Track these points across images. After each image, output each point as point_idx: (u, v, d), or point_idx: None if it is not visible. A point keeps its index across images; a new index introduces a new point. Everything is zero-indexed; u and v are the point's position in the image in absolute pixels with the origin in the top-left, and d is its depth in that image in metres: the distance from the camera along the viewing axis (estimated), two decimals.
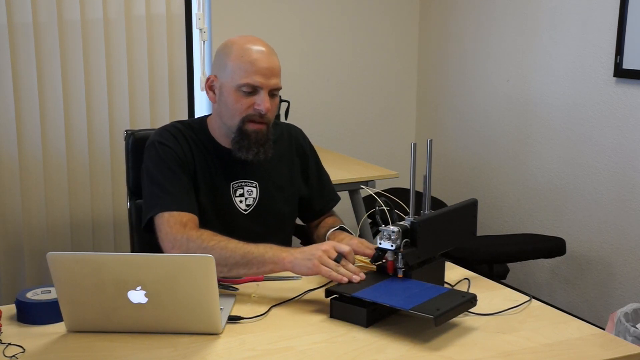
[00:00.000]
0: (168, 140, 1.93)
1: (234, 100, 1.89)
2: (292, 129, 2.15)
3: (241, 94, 1.88)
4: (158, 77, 3.32)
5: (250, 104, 1.88)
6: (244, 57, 1.87)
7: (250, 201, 1.98)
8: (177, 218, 1.81)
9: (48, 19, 3.07)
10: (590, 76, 3.32)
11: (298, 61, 4.04)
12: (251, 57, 1.87)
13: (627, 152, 3.18)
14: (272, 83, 1.88)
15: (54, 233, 3.21)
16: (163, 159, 1.90)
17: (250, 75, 1.86)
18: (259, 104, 1.88)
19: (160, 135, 1.95)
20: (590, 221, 3.38)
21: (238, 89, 1.87)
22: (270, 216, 2.01)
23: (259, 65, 1.86)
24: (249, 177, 1.98)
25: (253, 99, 1.88)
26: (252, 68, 1.86)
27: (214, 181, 1.96)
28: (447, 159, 4.23)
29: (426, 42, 4.33)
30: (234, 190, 1.97)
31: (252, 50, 1.88)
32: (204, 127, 2.00)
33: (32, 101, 3.09)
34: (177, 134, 1.96)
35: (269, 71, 1.88)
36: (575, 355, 1.45)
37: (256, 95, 1.88)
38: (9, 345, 1.43)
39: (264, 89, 1.87)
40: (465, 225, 1.84)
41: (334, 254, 1.68)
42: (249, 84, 1.86)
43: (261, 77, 1.86)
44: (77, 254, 1.50)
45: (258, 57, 1.87)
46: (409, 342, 1.48)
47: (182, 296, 1.46)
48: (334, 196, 2.17)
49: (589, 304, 3.44)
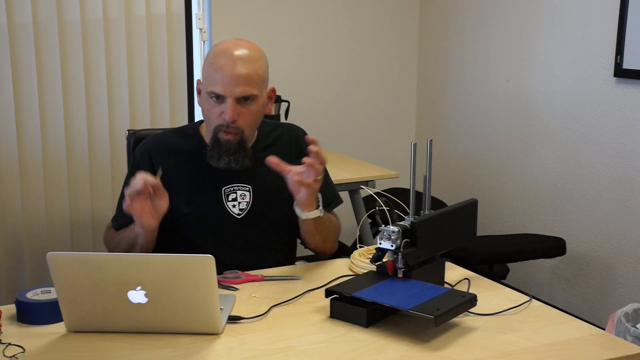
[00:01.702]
0: (139, 155, 2.02)
1: (207, 107, 1.90)
2: (294, 129, 2.12)
3: (211, 101, 1.88)
4: (158, 77, 3.32)
5: (219, 112, 1.87)
6: (213, 63, 1.86)
7: (243, 205, 1.97)
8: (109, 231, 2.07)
9: (48, 19, 3.06)
10: (590, 76, 3.32)
11: (298, 61, 4.04)
12: (218, 64, 1.85)
13: (627, 152, 3.18)
14: (237, 91, 1.84)
15: (54, 233, 3.21)
16: (128, 173, 2.02)
17: (214, 84, 1.85)
18: (224, 112, 1.86)
19: (139, 148, 2.05)
20: (590, 221, 3.38)
21: (208, 95, 1.88)
22: (266, 220, 1.99)
23: (222, 73, 1.84)
24: (242, 181, 1.97)
25: (221, 107, 1.87)
26: (216, 76, 1.85)
27: (201, 187, 1.95)
28: (447, 159, 4.23)
29: (426, 42, 4.33)
30: (226, 195, 1.96)
31: (222, 57, 1.86)
32: (197, 132, 2.01)
33: (32, 101, 3.09)
34: (154, 146, 2.00)
35: (235, 80, 1.84)
36: (575, 355, 1.45)
37: (223, 103, 1.86)
38: (9, 345, 1.43)
39: (229, 97, 1.85)
40: (465, 225, 1.84)
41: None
42: (212, 92, 1.86)
43: (223, 86, 1.84)
44: (77, 254, 1.50)
45: (225, 63, 1.84)
46: (409, 342, 1.48)
47: (182, 296, 1.46)
48: (335, 199, 2.11)
49: (589, 304, 3.44)
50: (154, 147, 1.99)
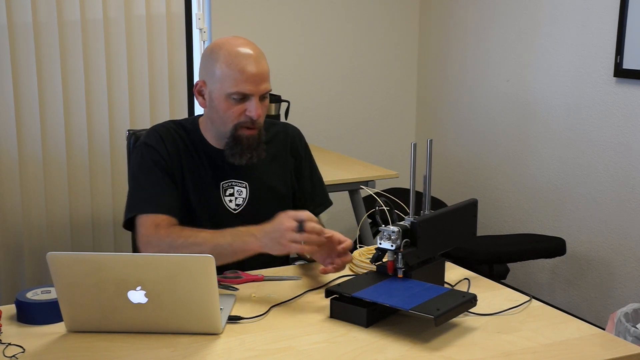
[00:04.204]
0: (153, 141, 1.95)
1: (225, 108, 1.88)
2: (290, 128, 2.13)
3: (232, 102, 1.87)
4: (158, 77, 3.32)
5: (241, 111, 1.87)
6: (232, 64, 1.85)
7: (239, 201, 1.98)
8: (153, 219, 1.84)
9: (48, 19, 3.06)
10: (590, 76, 3.32)
11: (298, 61, 4.04)
12: (240, 65, 1.84)
13: (627, 152, 3.18)
14: (262, 88, 1.87)
15: (54, 233, 3.21)
16: (145, 160, 1.92)
17: (241, 84, 1.84)
18: (250, 111, 1.87)
19: (148, 135, 1.98)
20: (590, 221, 3.38)
21: (228, 97, 1.86)
22: (261, 216, 1.98)
23: (248, 73, 1.84)
24: (239, 177, 1.98)
25: (244, 106, 1.87)
26: (242, 76, 1.84)
27: (202, 180, 1.96)
28: (447, 159, 4.23)
29: (426, 42, 4.33)
30: (224, 190, 1.97)
31: (241, 57, 1.85)
32: (196, 127, 2.01)
33: (32, 101, 3.09)
34: (165, 134, 1.96)
35: (259, 77, 1.86)
36: (575, 355, 1.45)
37: (247, 102, 1.87)
38: (9, 345, 1.43)
39: (255, 95, 1.86)
40: (465, 225, 1.84)
41: (295, 225, 1.67)
42: (239, 92, 1.85)
43: (251, 85, 1.85)
44: (77, 254, 1.50)
45: (247, 63, 1.85)
46: (409, 342, 1.48)
47: (182, 296, 1.46)
48: (325, 201, 2.13)
49: (589, 304, 3.44)
50: (165, 135, 1.97)
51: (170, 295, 1.45)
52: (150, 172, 1.91)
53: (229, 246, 1.73)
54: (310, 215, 1.69)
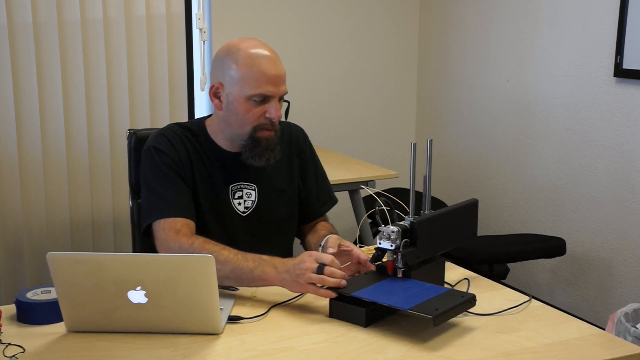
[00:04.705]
0: (163, 145, 1.93)
1: (244, 110, 1.87)
2: (293, 128, 2.13)
3: (252, 104, 1.86)
4: (158, 77, 3.32)
5: (261, 112, 1.87)
6: (253, 66, 1.84)
7: (248, 204, 1.98)
8: (171, 224, 1.82)
9: (48, 19, 3.07)
10: (590, 76, 3.32)
11: (298, 61, 4.04)
12: (261, 67, 1.84)
13: (627, 152, 3.18)
14: (282, 90, 1.89)
15: (54, 233, 3.21)
16: (158, 165, 1.90)
17: (262, 86, 1.84)
18: (270, 113, 1.87)
19: (156, 140, 1.95)
20: (590, 221, 3.38)
21: (249, 98, 1.85)
22: (269, 219, 2.00)
23: (269, 75, 1.85)
24: (248, 180, 1.98)
25: (264, 108, 1.87)
26: (263, 78, 1.84)
27: (212, 183, 1.95)
28: (447, 159, 4.23)
29: (426, 42, 4.33)
30: (233, 193, 1.96)
31: (261, 59, 1.85)
32: (203, 129, 1.99)
33: (32, 101, 3.09)
34: (173, 138, 1.94)
35: (280, 79, 1.88)
36: (575, 355, 1.45)
37: (267, 103, 1.87)
38: (9, 345, 1.43)
39: (275, 97, 1.87)
40: (466, 225, 1.84)
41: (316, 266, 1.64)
42: (261, 94, 1.85)
43: (273, 87, 1.86)
44: (77, 254, 1.50)
45: (267, 65, 1.85)
46: (408, 342, 1.48)
47: (182, 296, 1.46)
48: (331, 199, 2.13)
49: (589, 304, 3.44)
50: (173, 138, 1.95)
51: (170, 296, 1.46)
52: (164, 176, 1.89)
53: (250, 272, 1.71)
54: (332, 259, 1.66)
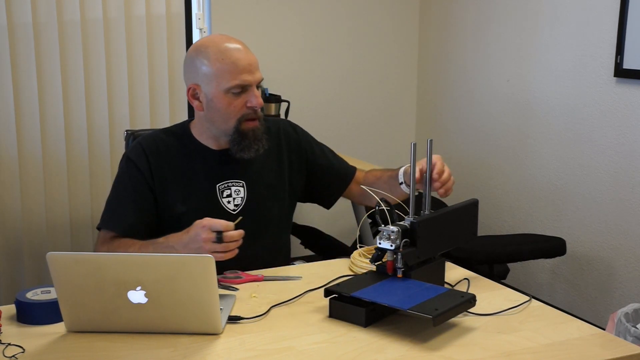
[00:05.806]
0: (134, 155, 1.97)
1: (226, 104, 1.89)
2: (280, 123, 2.14)
3: (231, 96, 1.88)
4: (158, 77, 3.32)
5: (242, 103, 1.89)
6: (225, 59, 1.86)
7: (238, 201, 1.98)
8: (104, 235, 1.93)
9: (48, 19, 3.06)
10: (590, 76, 3.32)
11: (298, 61, 4.05)
12: (232, 58, 1.86)
13: (627, 152, 3.18)
14: (257, 77, 1.91)
15: (54, 233, 3.21)
16: (123, 175, 1.98)
17: (238, 76, 1.86)
18: (251, 101, 1.89)
19: (132, 149, 2.00)
20: (590, 221, 3.38)
21: (227, 91, 1.87)
22: (260, 215, 2.00)
23: (243, 64, 1.87)
24: (235, 177, 1.98)
25: (244, 98, 1.89)
26: (237, 68, 1.86)
27: (196, 185, 1.96)
28: (447, 159, 4.19)
29: (426, 42, 4.33)
30: (221, 192, 1.97)
31: (231, 51, 1.88)
32: (187, 131, 2.01)
33: (32, 101, 3.09)
34: (150, 146, 1.97)
35: (253, 66, 1.89)
36: (575, 355, 1.45)
37: (246, 92, 1.89)
38: (8, 346, 1.43)
39: (252, 85, 1.89)
40: (466, 225, 1.84)
41: (213, 236, 1.67)
42: (238, 85, 1.87)
43: (248, 75, 1.87)
44: (77, 254, 1.50)
45: (239, 55, 1.87)
46: (408, 342, 1.48)
47: (182, 296, 1.46)
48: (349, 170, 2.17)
49: (589, 304, 3.44)
50: (149, 147, 1.98)
51: (170, 295, 1.45)
52: (124, 188, 1.96)
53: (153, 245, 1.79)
54: (227, 223, 1.69)
